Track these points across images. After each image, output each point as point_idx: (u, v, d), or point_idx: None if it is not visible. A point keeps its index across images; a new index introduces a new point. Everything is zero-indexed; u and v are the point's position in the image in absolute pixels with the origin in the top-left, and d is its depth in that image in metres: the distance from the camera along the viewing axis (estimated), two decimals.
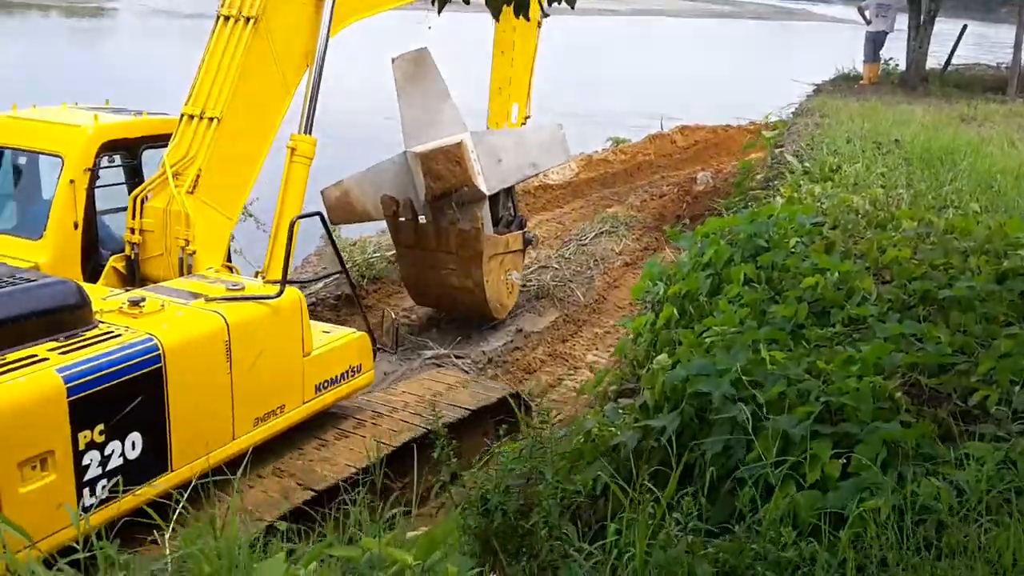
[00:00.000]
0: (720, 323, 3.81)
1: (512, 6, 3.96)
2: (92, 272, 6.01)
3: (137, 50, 29.01)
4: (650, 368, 3.81)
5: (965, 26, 21.99)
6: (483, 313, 9.11)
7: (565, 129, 9.13)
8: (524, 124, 9.72)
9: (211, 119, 6.04)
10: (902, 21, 19.83)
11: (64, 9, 42.52)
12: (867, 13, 19.65)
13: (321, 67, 6.60)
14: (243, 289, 5.34)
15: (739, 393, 3.01)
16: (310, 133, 6.55)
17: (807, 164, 9.00)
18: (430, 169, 8.26)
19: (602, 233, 12.34)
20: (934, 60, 20.33)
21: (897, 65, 20.37)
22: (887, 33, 19.40)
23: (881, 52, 19.75)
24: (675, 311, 4.44)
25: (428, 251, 8.73)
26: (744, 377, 3.05)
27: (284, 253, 5.57)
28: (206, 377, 4.92)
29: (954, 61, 21.66)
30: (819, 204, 6.42)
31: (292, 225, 5.67)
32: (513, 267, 9.19)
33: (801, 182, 7.86)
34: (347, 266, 6.77)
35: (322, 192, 8.78)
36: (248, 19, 6.22)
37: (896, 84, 18.97)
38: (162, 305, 4.95)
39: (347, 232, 10.41)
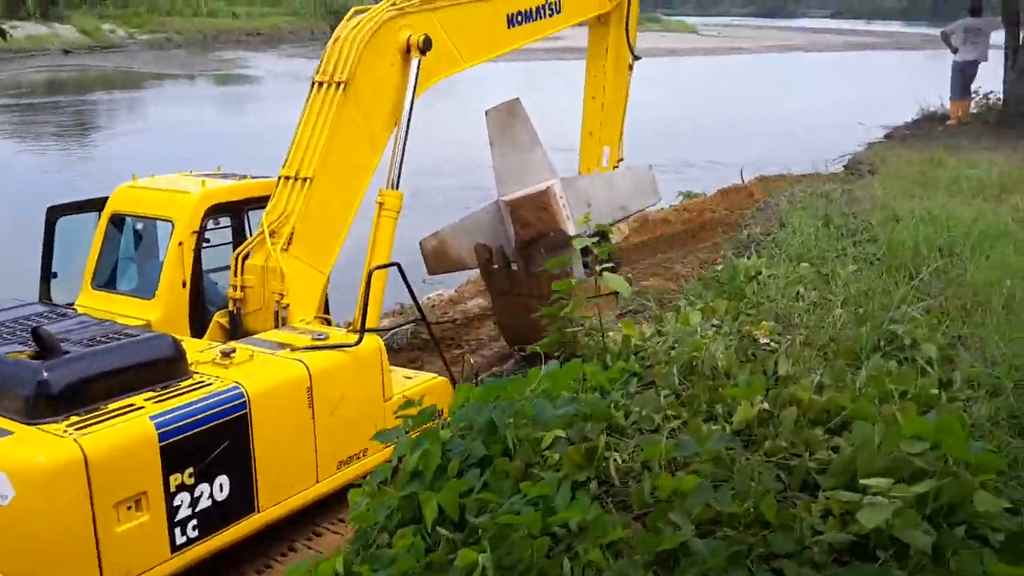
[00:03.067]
0: None
1: None
2: (200, 327, 6.53)
3: (277, 111, 30.66)
4: None
5: None
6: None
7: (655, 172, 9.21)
8: (617, 167, 9.89)
9: (304, 179, 6.49)
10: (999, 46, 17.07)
11: (212, 77, 45.45)
12: (953, 39, 16.84)
13: (408, 125, 6.98)
14: (327, 338, 5.70)
15: None
16: (397, 188, 6.93)
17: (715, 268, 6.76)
18: (518, 216, 8.52)
19: (626, 312, 11.43)
20: None
21: (998, 100, 17.55)
22: (978, 63, 16.75)
23: (973, 85, 17.10)
24: (340, 561, 2.79)
25: (521, 296, 8.95)
26: None
27: (364, 303, 5.90)
28: (290, 422, 5.27)
29: None
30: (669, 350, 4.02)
31: (370, 275, 6.00)
32: (607, 309, 9.27)
33: (694, 298, 5.59)
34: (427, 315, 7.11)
35: (420, 243, 9.18)
36: (338, 84, 6.68)
37: (992, 123, 16.29)
38: (251, 356, 5.35)
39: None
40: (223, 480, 4.85)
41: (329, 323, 6.96)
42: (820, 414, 2.97)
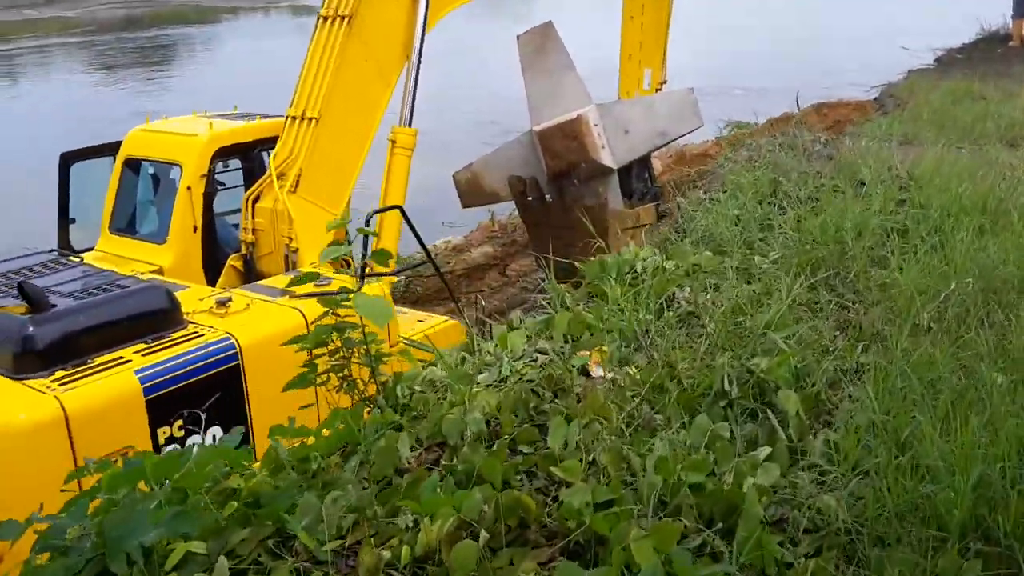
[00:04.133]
0: None
1: None
2: (215, 271, 6.47)
3: None
4: None
5: None
6: None
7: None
8: (659, 90, 9.39)
9: (311, 119, 6.30)
10: None
11: (287, 9, 45.28)
12: None
13: (419, 60, 6.69)
14: (329, 284, 5.54)
15: None
16: (410, 125, 6.68)
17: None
18: (547, 147, 8.18)
19: None
20: None
21: None
22: None
23: None
24: None
25: (556, 228, 8.65)
26: None
27: (364, 246, 5.72)
28: (287, 370, 5.14)
29: None
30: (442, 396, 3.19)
31: (369, 218, 5.78)
32: (648, 241, 8.92)
33: (548, 302, 4.26)
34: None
35: (453, 176, 8.94)
36: (343, 18, 6.41)
37: None
38: (247, 304, 5.25)
39: None
40: (217, 432, 4.79)
41: (349, 265, 6.82)
42: (563, 527, 2.15)
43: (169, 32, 36.27)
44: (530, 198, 8.74)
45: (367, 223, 5.76)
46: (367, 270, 6.53)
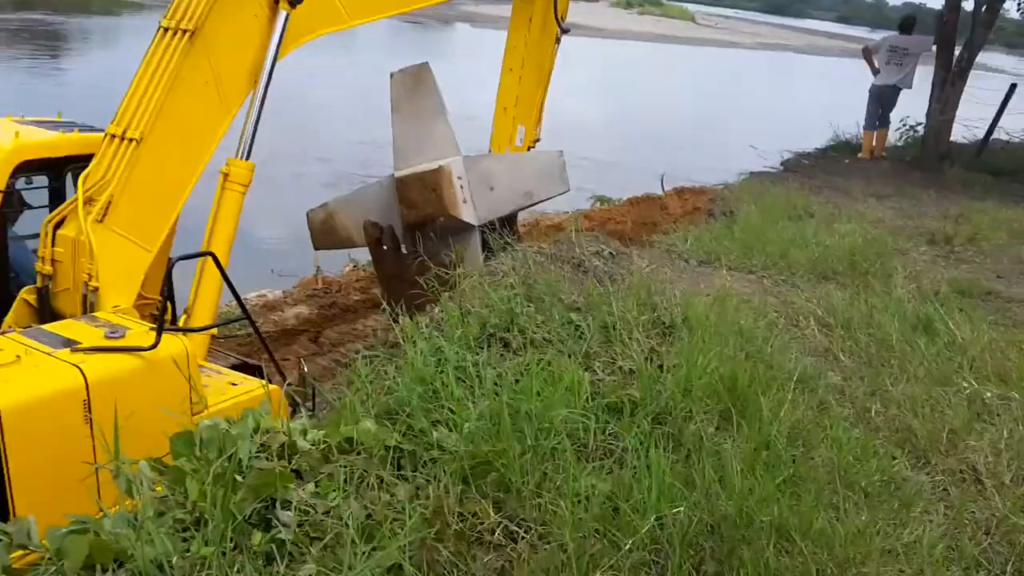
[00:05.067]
0: None
1: None
2: (5, 305, 5.60)
3: None
4: None
5: (1014, 85, 15.63)
6: None
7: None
8: (532, 148, 9.03)
9: (131, 140, 5.56)
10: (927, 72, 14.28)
11: None
12: (875, 59, 14.30)
13: (266, 87, 6.06)
14: (122, 337, 4.79)
15: None
16: (248, 158, 6.03)
17: None
18: (404, 196, 7.65)
19: None
20: (968, 131, 15.27)
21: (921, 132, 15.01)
22: (899, 89, 14.25)
23: (892, 114, 14.71)
24: None
25: (409, 282, 8.11)
26: None
27: (165, 298, 5.00)
28: (59, 441, 4.37)
29: (1002, 134, 15.80)
30: None
31: (171, 265, 5.01)
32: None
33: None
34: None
35: (307, 214, 8.31)
36: (185, 32, 5.72)
37: (909, 162, 14.08)
38: (18, 356, 4.44)
39: None
40: None
41: (168, 310, 6.06)
42: None
43: (51, 19, 34.06)
44: (385, 247, 8.17)
45: (170, 269, 5.02)
46: (180, 322, 5.84)
